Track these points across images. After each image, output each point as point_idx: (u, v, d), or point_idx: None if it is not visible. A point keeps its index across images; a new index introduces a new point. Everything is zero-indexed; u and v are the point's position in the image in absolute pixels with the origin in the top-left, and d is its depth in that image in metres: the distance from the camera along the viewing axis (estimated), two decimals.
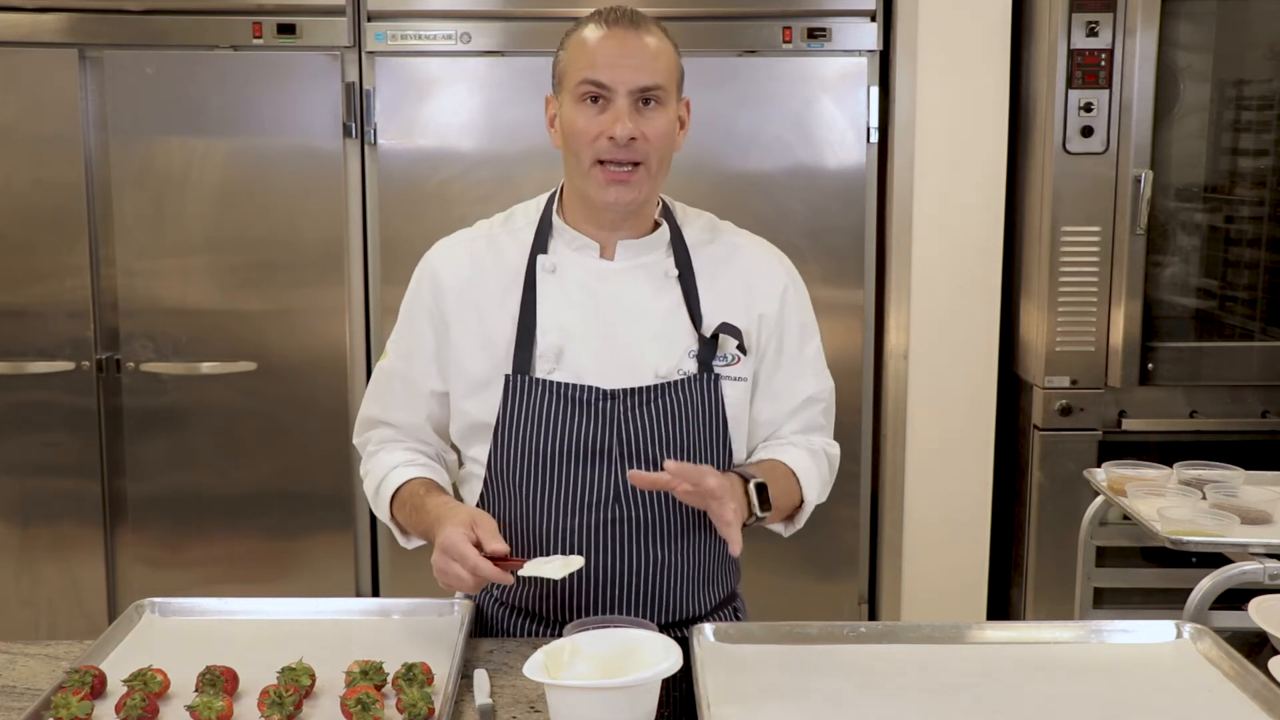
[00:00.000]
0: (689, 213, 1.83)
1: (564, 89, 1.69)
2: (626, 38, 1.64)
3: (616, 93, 1.63)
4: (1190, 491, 2.19)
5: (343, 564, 3.27)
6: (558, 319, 1.71)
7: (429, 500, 1.70)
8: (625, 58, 1.63)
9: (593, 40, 1.65)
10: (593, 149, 1.65)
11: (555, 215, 1.76)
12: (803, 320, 1.82)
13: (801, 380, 1.81)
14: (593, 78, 1.64)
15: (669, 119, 1.68)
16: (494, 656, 1.63)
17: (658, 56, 1.66)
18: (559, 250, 1.75)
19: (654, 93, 1.65)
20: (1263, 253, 3.25)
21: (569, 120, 1.67)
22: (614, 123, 1.63)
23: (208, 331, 3.19)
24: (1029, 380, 3.18)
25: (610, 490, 1.69)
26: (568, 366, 1.70)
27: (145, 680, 1.44)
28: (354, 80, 3.13)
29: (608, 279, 1.74)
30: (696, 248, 1.78)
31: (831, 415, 1.87)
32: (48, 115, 3.11)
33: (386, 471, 1.79)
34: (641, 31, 1.66)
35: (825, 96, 3.16)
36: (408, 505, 1.75)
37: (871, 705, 1.45)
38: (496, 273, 1.75)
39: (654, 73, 1.65)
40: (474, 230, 1.82)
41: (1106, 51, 2.96)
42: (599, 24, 1.66)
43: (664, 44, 1.68)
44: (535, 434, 1.69)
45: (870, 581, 3.40)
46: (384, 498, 1.78)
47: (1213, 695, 1.49)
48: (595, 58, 1.64)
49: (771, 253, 1.84)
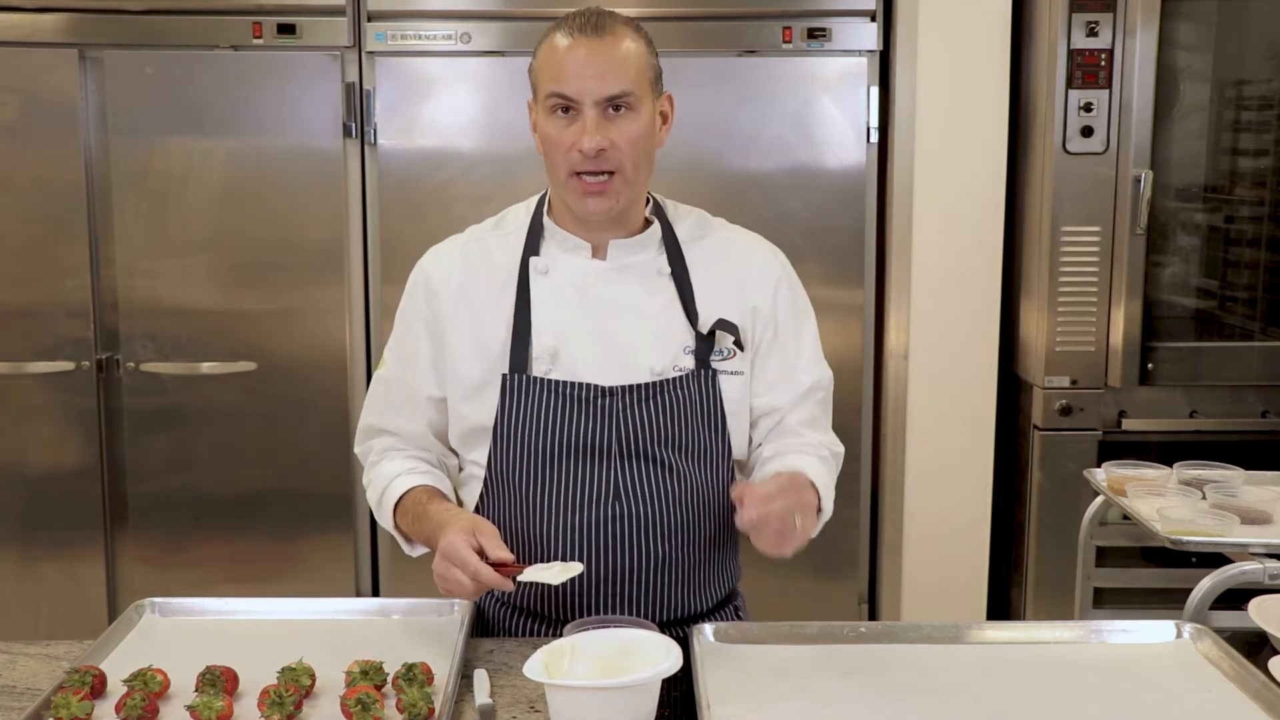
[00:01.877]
0: (680, 209, 1.83)
1: (536, 100, 1.70)
2: (591, 46, 1.63)
3: (583, 104, 1.63)
4: (1190, 491, 2.19)
5: (343, 564, 3.27)
6: (552, 320, 1.72)
7: (431, 507, 1.71)
8: (589, 67, 1.62)
9: (558, 51, 1.64)
10: (566, 160, 1.65)
11: (546, 217, 1.77)
12: (797, 309, 1.82)
13: (800, 368, 1.80)
14: (558, 90, 1.64)
15: (643, 122, 1.67)
16: (494, 656, 1.63)
17: (625, 61, 1.64)
18: (551, 252, 1.75)
19: (623, 99, 1.64)
20: (1263, 253, 3.25)
21: (543, 130, 1.68)
22: (582, 134, 1.62)
23: (208, 331, 3.19)
24: (1029, 380, 3.18)
25: (610, 488, 1.69)
26: (564, 367, 1.70)
27: (145, 680, 1.44)
28: (354, 80, 3.13)
29: (600, 279, 1.74)
30: (688, 244, 1.78)
31: (829, 406, 1.85)
32: (48, 115, 3.11)
33: (389, 481, 1.79)
34: (607, 37, 1.64)
35: (825, 96, 3.16)
36: (410, 513, 1.75)
37: (871, 705, 1.45)
38: (489, 276, 1.75)
39: (621, 79, 1.63)
40: (465, 235, 1.82)
41: (1106, 51, 2.96)
42: (565, 32, 1.65)
43: (633, 45, 1.66)
44: (534, 433, 1.69)
45: (870, 581, 3.40)
46: (387, 507, 1.79)
47: (1213, 695, 1.49)
48: (561, 69, 1.63)
49: (763, 245, 1.84)
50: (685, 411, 1.71)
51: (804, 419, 1.80)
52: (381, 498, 1.80)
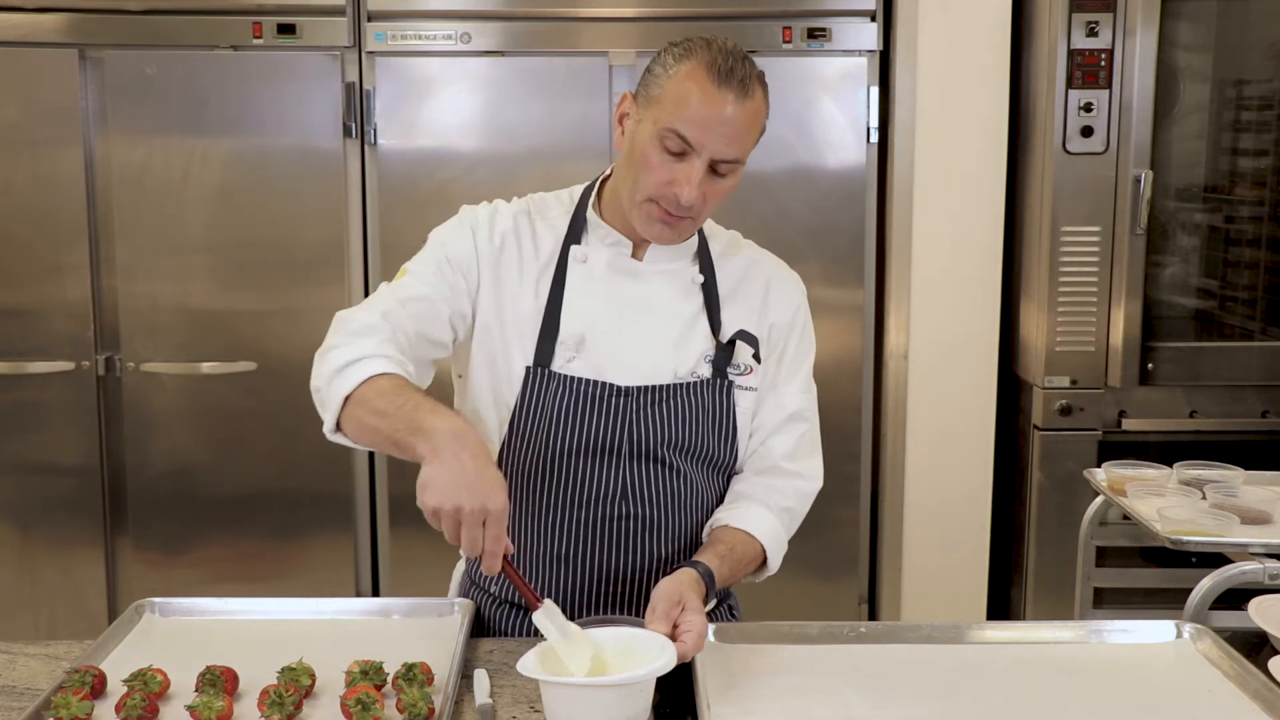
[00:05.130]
0: (716, 228, 1.84)
1: (649, 113, 1.63)
2: (732, 105, 1.59)
3: (699, 154, 1.60)
4: (1190, 491, 2.19)
5: (343, 564, 3.27)
6: (583, 307, 1.72)
7: (442, 409, 1.46)
8: (725, 127, 1.59)
9: (698, 94, 1.59)
10: (657, 191, 1.63)
11: (591, 210, 1.76)
12: (805, 339, 1.83)
13: (790, 392, 1.81)
14: (683, 132, 1.59)
15: (736, 179, 1.66)
16: (494, 656, 1.63)
17: (751, 129, 1.63)
18: (592, 244, 1.75)
19: (731, 165, 1.63)
20: (1263, 253, 3.25)
21: (642, 149, 1.63)
22: (685, 183, 1.60)
23: (208, 331, 3.19)
24: (1029, 380, 3.18)
25: (618, 486, 1.70)
26: (587, 356, 1.70)
27: (145, 680, 1.44)
28: (354, 80, 3.13)
29: (635, 276, 1.75)
30: (720, 259, 1.80)
31: (815, 440, 1.84)
32: (48, 115, 3.11)
33: (365, 356, 1.56)
34: (747, 100, 1.61)
35: (825, 96, 3.17)
36: (397, 396, 1.49)
37: (871, 705, 1.45)
38: (533, 252, 1.75)
39: (742, 146, 1.63)
40: (515, 205, 1.79)
41: (1106, 51, 2.96)
42: (712, 77, 1.59)
43: (760, 108, 1.64)
44: (549, 428, 1.69)
45: (870, 581, 3.40)
46: (355, 375, 1.54)
47: (1213, 695, 1.49)
48: (694, 113, 1.59)
49: (789, 271, 1.86)
50: (698, 417, 1.72)
51: (786, 452, 1.79)
52: (352, 365, 1.55)
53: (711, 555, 1.64)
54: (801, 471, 1.80)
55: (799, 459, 1.80)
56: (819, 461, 1.84)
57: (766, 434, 1.79)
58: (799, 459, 1.80)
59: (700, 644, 1.47)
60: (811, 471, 1.82)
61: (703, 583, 1.57)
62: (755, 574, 1.76)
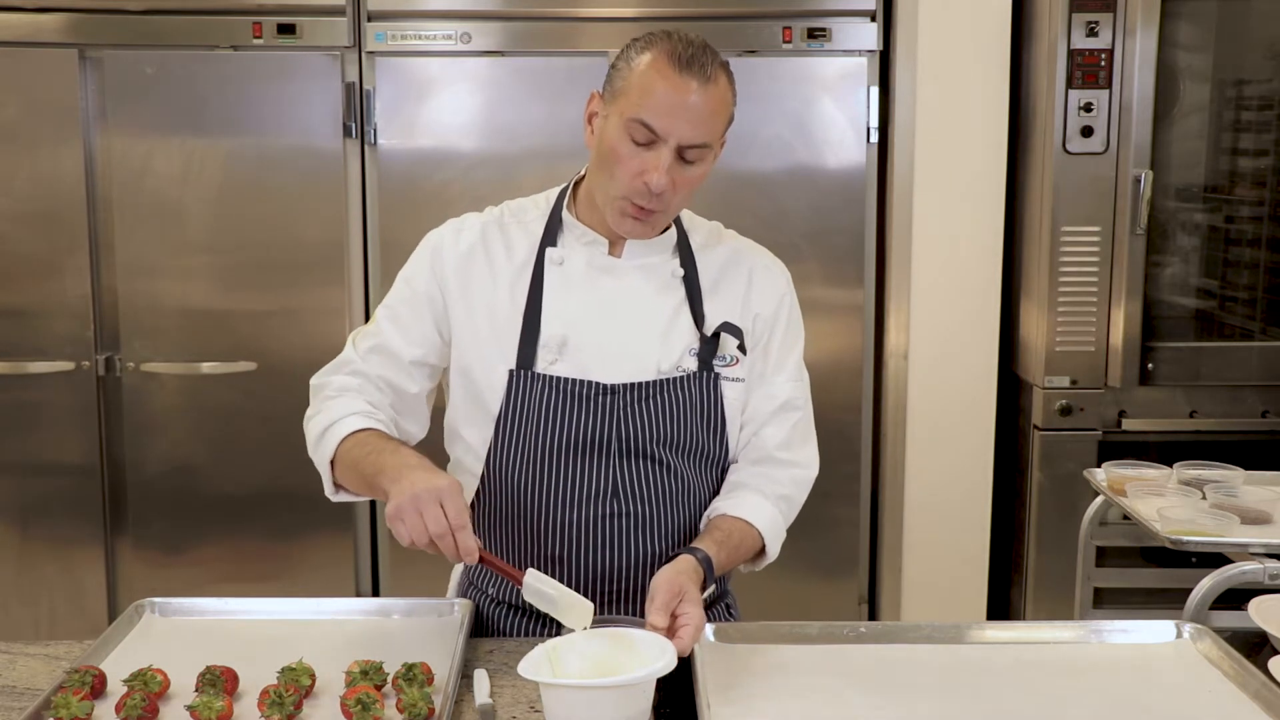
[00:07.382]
0: (696, 220, 1.84)
1: (614, 107, 1.65)
2: (694, 90, 1.60)
3: (665, 142, 1.61)
4: (1190, 491, 2.19)
5: (343, 564, 3.27)
6: (562, 309, 1.72)
7: (402, 449, 1.61)
8: (688, 112, 1.60)
9: (662, 82, 1.60)
10: (629, 184, 1.63)
11: (566, 211, 1.77)
12: (792, 327, 1.83)
13: (780, 381, 1.81)
14: (648, 121, 1.60)
15: (705, 167, 1.67)
16: (494, 656, 1.63)
17: (716, 113, 1.63)
18: (568, 244, 1.76)
19: (699, 150, 1.63)
20: (1263, 253, 3.25)
21: (610, 142, 1.64)
22: (653, 170, 1.61)
23: (208, 331, 3.19)
24: (1029, 380, 3.18)
25: (608, 484, 1.70)
26: (570, 358, 1.71)
27: (145, 680, 1.44)
28: (354, 80, 3.13)
29: (614, 274, 1.75)
30: (701, 251, 1.79)
31: (809, 427, 1.84)
32: (48, 115, 3.11)
33: (342, 417, 1.68)
34: (709, 85, 1.61)
35: (825, 96, 3.17)
36: (366, 446, 1.62)
37: (871, 705, 1.45)
38: (506, 259, 1.75)
39: (708, 131, 1.63)
40: (485, 215, 1.81)
41: (1106, 51, 2.96)
42: (673, 65, 1.60)
43: (725, 94, 1.64)
44: (536, 427, 1.69)
45: (870, 581, 3.40)
46: (335, 436, 1.66)
47: (1213, 695, 1.49)
48: (657, 101, 1.60)
49: (773, 259, 1.86)
50: (686, 412, 1.72)
51: (780, 442, 1.79)
52: (330, 429, 1.67)
53: (709, 542, 1.64)
54: (797, 460, 1.81)
55: (793, 448, 1.80)
56: (814, 449, 1.84)
57: (759, 425, 1.79)
58: (793, 448, 1.80)
59: (697, 636, 1.48)
60: (807, 459, 1.83)
61: (701, 570, 1.58)
62: (754, 561, 1.77)
